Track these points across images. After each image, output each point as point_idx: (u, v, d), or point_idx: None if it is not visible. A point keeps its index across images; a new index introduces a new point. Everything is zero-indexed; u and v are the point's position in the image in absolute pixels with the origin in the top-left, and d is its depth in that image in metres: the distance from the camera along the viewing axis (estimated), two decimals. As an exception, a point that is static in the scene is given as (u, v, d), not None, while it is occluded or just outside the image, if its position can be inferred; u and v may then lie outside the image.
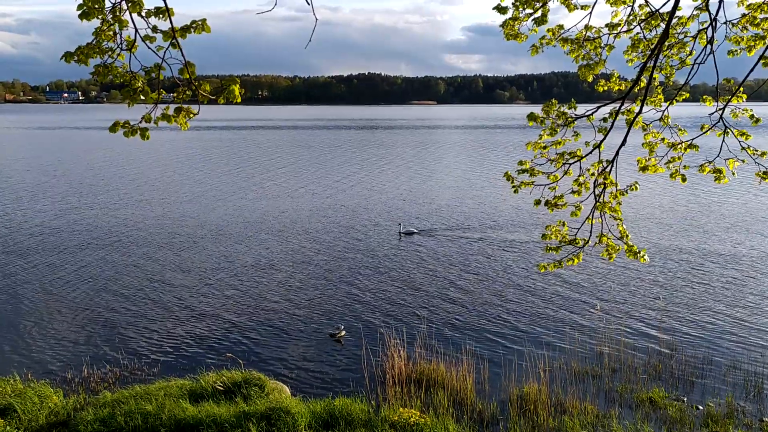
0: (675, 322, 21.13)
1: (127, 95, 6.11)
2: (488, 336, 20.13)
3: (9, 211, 40.24)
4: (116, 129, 6.35)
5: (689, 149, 8.87)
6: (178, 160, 73.35)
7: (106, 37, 5.90)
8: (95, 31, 5.90)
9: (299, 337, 20.12)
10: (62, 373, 17.40)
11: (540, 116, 8.70)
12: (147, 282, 25.72)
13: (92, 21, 5.91)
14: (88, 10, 5.71)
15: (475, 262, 28.59)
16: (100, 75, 5.99)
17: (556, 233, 8.96)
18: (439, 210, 40.90)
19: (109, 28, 5.87)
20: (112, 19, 5.85)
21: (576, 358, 18.19)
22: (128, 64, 6.10)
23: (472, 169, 64.94)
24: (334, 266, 28.10)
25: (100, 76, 5.98)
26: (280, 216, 38.98)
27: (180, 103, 6.37)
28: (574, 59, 9.09)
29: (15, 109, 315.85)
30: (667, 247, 30.79)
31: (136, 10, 5.86)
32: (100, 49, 5.91)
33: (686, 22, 8.62)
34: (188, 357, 18.65)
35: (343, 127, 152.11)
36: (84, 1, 5.68)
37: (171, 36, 5.92)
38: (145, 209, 41.03)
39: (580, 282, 25.34)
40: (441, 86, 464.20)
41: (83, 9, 5.71)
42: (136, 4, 5.82)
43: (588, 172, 8.85)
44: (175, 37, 5.97)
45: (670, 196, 45.13)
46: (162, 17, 5.85)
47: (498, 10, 8.66)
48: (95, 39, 5.89)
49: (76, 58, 5.84)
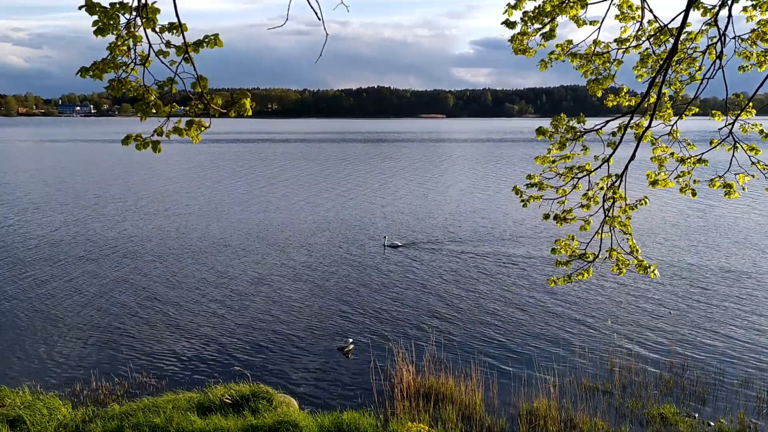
0: (686, 337, 20.97)
1: (140, 109, 6.19)
2: (497, 350, 20.04)
3: (20, 223, 40.56)
4: (129, 142, 6.42)
5: (699, 164, 8.86)
6: (186, 173, 73.78)
7: (121, 53, 5.99)
8: (110, 46, 5.99)
9: (307, 350, 20.09)
10: (71, 385, 17.44)
11: (549, 131, 8.72)
12: (155, 294, 25.80)
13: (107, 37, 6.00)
14: (103, 26, 5.80)
15: (483, 277, 28.51)
16: (114, 89, 6.07)
17: (566, 247, 8.94)
18: (446, 223, 40.86)
19: (124, 43, 5.96)
20: (126, 34, 5.95)
21: (586, 373, 18.07)
22: (142, 79, 6.19)
23: (480, 182, 64.89)
24: (340, 279, 28.09)
25: (114, 91, 6.07)
26: (287, 229, 39.07)
27: (192, 116, 6.44)
28: (583, 74, 9.12)
29: (28, 122, 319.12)
30: (677, 262, 30.61)
31: (150, 26, 5.95)
32: (114, 64, 6.00)
33: (695, 37, 8.64)
34: (196, 370, 18.66)
35: (351, 140, 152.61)
36: (99, 17, 5.78)
37: (184, 51, 6.00)
38: (154, 222, 41.24)
39: (590, 297, 25.21)
40: (450, 99, 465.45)
41: (98, 25, 5.81)
42: (150, 20, 5.91)
43: (597, 186, 8.84)
44: (188, 51, 6.05)
45: (680, 211, 44.91)
46: (175, 32, 5.94)
47: (507, 24, 8.72)
48: (110, 54, 5.98)
49: (91, 73, 5.93)
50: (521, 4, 8.49)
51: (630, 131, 8.63)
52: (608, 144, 8.61)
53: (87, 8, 5.86)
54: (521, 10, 8.55)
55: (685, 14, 7.72)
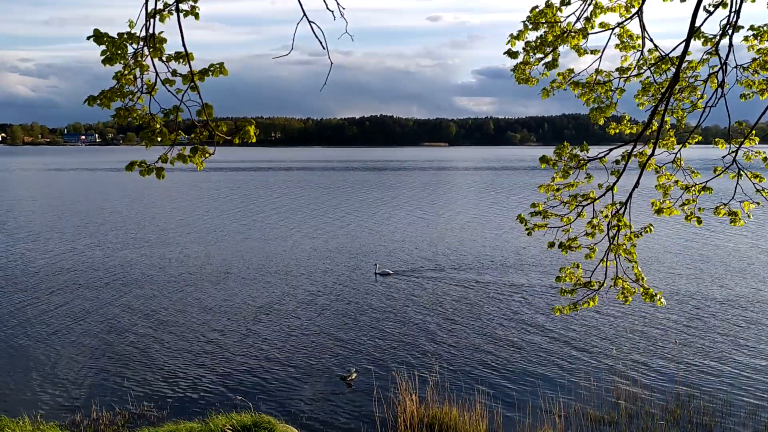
0: (692, 366, 20.74)
1: (145, 136, 6.24)
2: (501, 380, 19.83)
3: (22, 251, 40.58)
4: (133, 168, 6.46)
5: (703, 191, 8.86)
6: (188, 201, 73.99)
7: (128, 81, 6.06)
8: (116, 75, 6.06)
9: (310, 379, 19.91)
10: (72, 415, 17.27)
11: (552, 159, 8.75)
12: (155, 323, 25.68)
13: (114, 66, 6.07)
14: (111, 55, 5.88)
15: (487, 305, 28.35)
16: (121, 117, 6.13)
17: (570, 275, 8.90)
18: (447, 251, 40.77)
19: (131, 72, 6.03)
20: (133, 63, 6.02)
21: (592, 403, 17.84)
22: (148, 107, 6.25)
23: (482, 210, 64.92)
24: (341, 307, 27.95)
25: (121, 119, 6.12)
26: (287, 257, 39.01)
27: (197, 143, 6.49)
28: (585, 102, 9.18)
29: (34, 151, 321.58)
30: (682, 290, 30.43)
31: (157, 55, 6.03)
32: (121, 93, 6.07)
33: (696, 66, 8.72)
34: (197, 399, 18.48)
35: (354, 169, 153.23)
36: (107, 47, 5.86)
37: (190, 79, 6.07)
38: (154, 250, 41.24)
39: (594, 325, 25.02)
40: (452, 128, 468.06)
41: (106, 55, 5.88)
42: (157, 50, 5.99)
43: (601, 214, 8.84)
44: (194, 80, 6.12)
45: (685, 239, 44.79)
46: (182, 61, 6.01)
47: (509, 54, 8.81)
48: (117, 83, 6.05)
49: (98, 101, 5.99)
50: (524, 35, 8.59)
51: (633, 159, 8.65)
52: (612, 172, 8.63)
53: (95, 38, 5.94)
54: (524, 40, 8.65)
55: (687, 43, 7.80)
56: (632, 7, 8.37)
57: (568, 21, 8.49)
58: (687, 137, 8.82)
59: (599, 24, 8.54)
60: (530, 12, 8.40)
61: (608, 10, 8.50)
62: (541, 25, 8.43)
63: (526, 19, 8.49)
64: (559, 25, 8.42)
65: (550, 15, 8.34)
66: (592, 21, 8.47)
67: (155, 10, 6.12)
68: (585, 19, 8.44)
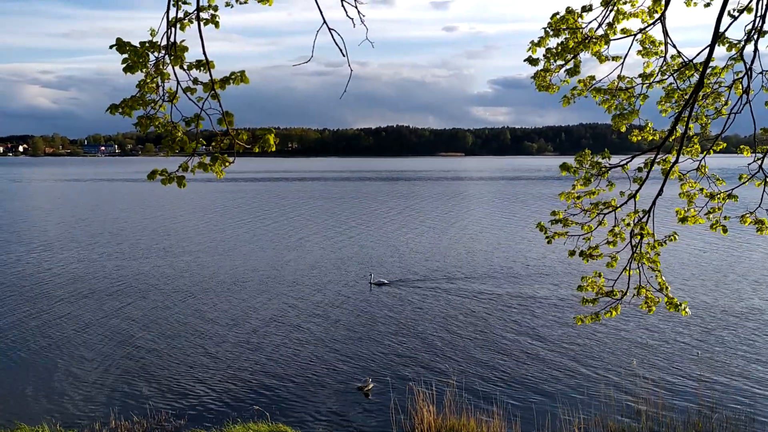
0: (715, 379, 20.38)
1: (166, 145, 6.26)
2: (520, 391, 19.61)
3: (40, 260, 41.02)
4: (154, 177, 6.47)
5: (728, 199, 8.70)
6: (203, 212, 74.45)
7: (149, 90, 6.09)
8: (139, 84, 6.09)
9: (326, 389, 19.83)
10: (90, 423, 17.32)
11: (573, 166, 8.65)
12: (172, 333, 25.77)
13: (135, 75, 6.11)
14: (132, 64, 5.92)
15: (505, 315, 28.12)
16: (143, 126, 6.15)
17: (592, 285, 8.77)
18: (463, 261, 40.56)
19: (153, 81, 6.06)
20: (155, 72, 6.05)
21: (612, 416, 17.58)
22: (169, 115, 6.27)
23: (498, 219, 64.58)
24: (355, 318, 27.87)
25: (142, 127, 6.15)
26: (303, 267, 39.03)
27: (217, 151, 6.50)
28: (606, 109, 9.08)
29: (54, 162, 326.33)
30: (706, 301, 29.97)
31: (178, 64, 6.05)
32: (143, 101, 6.09)
33: (721, 72, 8.59)
34: (214, 408, 18.47)
35: (370, 179, 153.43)
36: (129, 56, 5.89)
37: (211, 87, 6.08)
38: (170, 259, 41.49)
39: (615, 336, 24.70)
40: (469, 138, 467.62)
41: (128, 63, 5.92)
42: (178, 58, 6.01)
43: (623, 222, 8.71)
44: (215, 88, 6.13)
45: (709, 248, 44.18)
46: (203, 69, 6.03)
47: (530, 62, 8.75)
48: (139, 91, 6.08)
49: (120, 110, 6.02)
50: (545, 41, 8.53)
51: (656, 167, 8.53)
52: (634, 180, 8.51)
53: (118, 47, 5.98)
54: (544, 47, 8.58)
55: (711, 49, 7.69)
56: (655, 12, 8.28)
57: (589, 27, 8.42)
58: (713, 143, 8.68)
59: (621, 30, 8.45)
60: (551, 18, 8.34)
61: (630, 15, 8.41)
62: (562, 32, 8.35)
63: (547, 25, 8.43)
64: (580, 31, 8.35)
65: (571, 21, 8.26)
66: (614, 27, 8.38)
67: (176, 19, 6.15)
68: (607, 25, 8.35)
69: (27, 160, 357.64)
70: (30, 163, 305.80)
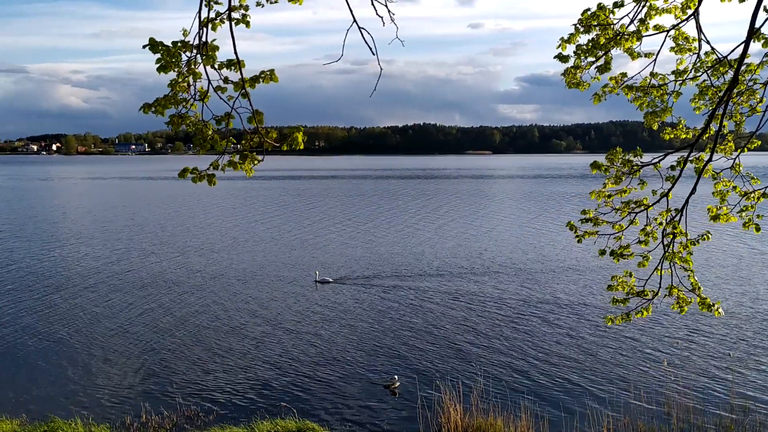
0: (748, 380, 19.97)
1: (198, 143, 6.35)
2: (548, 391, 19.45)
3: (71, 256, 41.84)
4: (185, 175, 6.58)
5: (762, 198, 8.53)
6: (229, 209, 75.17)
7: (181, 89, 6.18)
8: (171, 83, 6.19)
9: (353, 387, 19.90)
10: (122, 417, 17.65)
11: (604, 165, 8.55)
12: (200, 328, 26.08)
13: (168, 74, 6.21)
14: (165, 63, 6.02)
15: (533, 313, 27.90)
16: (175, 124, 6.25)
17: (623, 284, 8.66)
18: (488, 260, 40.31)
19: (184, 80, 6.15)
20: (187, 71, 6.14)
21: (642, 417, 17.34)
22: (200, 114, 6.35)
23: (523, 219, 64.05)
24: (382, 315, 27.89)
25: (174, 126, 6.25)
26: (326, 264, 39.15)
27: (246, 149, 6.57)
28: (638, 107, 8.95)
29: (87, 160, 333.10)
30: (739, 300, 29.36)
31: (209, 63, 6.13)
32: (175, 100, 6.19)
33: (756, 69, 8.41)
34: (243, 404, 18.66)
35: (397, 177, 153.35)
36: (162, 55, 5.99)
37: (241, 86, 6.15)
38: (196, 256, 41.99)
39: (645, 337, 24.34)
40: (496, 136, 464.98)
41: (161, 63, 6.01)
42: (209, 57, 6.10)
43: (656, 221, 8.58)
44: (245, 87, 6.20)
45: (743, 246, 43.28)
46: (233, 69, 6.10)
47: (559, 58, 8.66)
48: (171, 91, 6.18)
49: (153, 109, 6.13)
50: (575, 38, 8.44)
51: (689, 165, 8.39)
52: (667, 178, 8.38)
53: (150, 47, 6.08)
54: (574, 44, 8.49)
55: (746, 45, 7.53)
56: (688, 8, 8.14)
57: (621, 23, 8.31)
58: (747, 141, 8.51)
59: (653, 26, 8.31)
60: (582, 15, 8.25)
61: (663, 11, 8.27)
62: (593, 28, 8.26)
63: (578, 21, 8.34)
64: (611, 27, 8.24)
65: (602, 17, 8.16)
66: (646, 23, 8.25)
67: (208, 19, 6.23)
68: (639, 21, 8.23)
69: (61, 158, 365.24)
70: (63, 161, 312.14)
